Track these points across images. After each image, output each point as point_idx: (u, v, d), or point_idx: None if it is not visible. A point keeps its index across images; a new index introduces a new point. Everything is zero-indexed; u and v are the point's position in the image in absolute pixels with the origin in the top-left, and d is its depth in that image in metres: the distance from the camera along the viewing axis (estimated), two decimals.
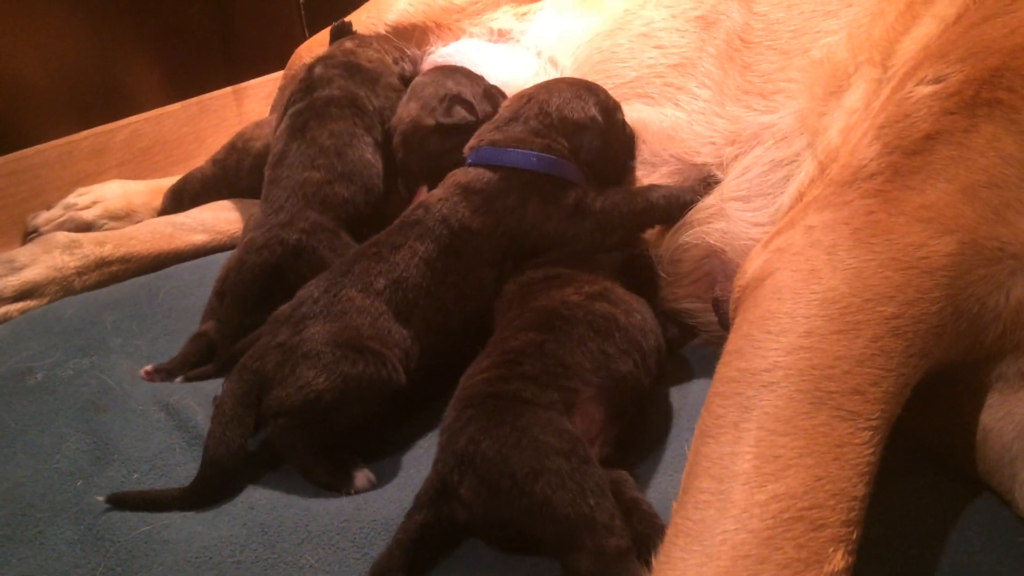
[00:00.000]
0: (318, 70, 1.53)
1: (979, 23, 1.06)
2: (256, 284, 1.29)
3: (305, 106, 1.47)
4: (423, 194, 1.36)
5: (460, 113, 1.41)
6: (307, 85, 1.52)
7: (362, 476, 1.08)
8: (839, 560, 0.74)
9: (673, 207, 1.27)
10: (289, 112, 1.49)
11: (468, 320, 1.21)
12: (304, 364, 1.07)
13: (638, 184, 1.36)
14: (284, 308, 1.17)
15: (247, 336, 1.22)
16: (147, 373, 1.30)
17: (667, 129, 1.38)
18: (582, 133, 1.27)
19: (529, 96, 1.32)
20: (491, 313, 1.20)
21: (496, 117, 1.34)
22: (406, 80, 1.60)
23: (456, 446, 0.94)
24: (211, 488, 1.06)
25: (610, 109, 1.32)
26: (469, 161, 1.28)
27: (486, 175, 1.24)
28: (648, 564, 0.81)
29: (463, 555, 0.97)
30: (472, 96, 1.46)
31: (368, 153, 1.42)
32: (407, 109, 1.45)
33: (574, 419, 0.99)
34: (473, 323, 1.21)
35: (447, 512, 0.94)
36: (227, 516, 1.04)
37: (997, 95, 0.94)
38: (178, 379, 1.30)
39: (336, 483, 1.07)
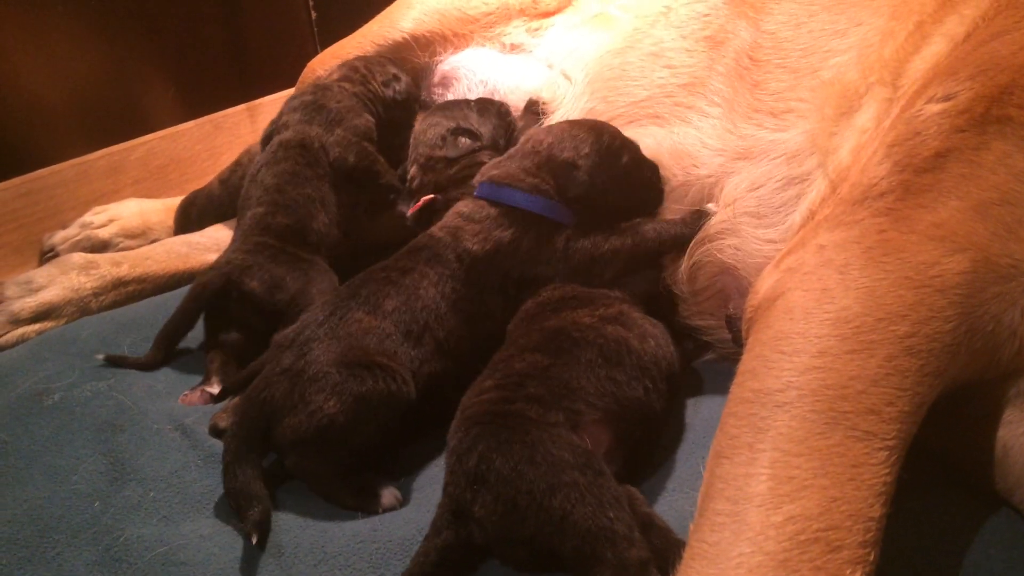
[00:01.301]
0: (284, 117, 1.58)
1: (988, 40, 1.07)
2: (203, 302, 1.37)
3: (265, 153, 1.54)
4: (423, 201, 1.41)
5: (465, 143, 1.46)
6: (271, 130, 1.59)
7: (388, 494, 1.08)
8: None
9: (664, 240, 1.29)
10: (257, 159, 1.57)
11: (478, 344, 1.22)
12: (312, 388, 1.07)
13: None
14: (287, 332, 1.17)
15: (252, 363, 1.21)
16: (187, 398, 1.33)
17: (678, 148, 1.38)
18: (567, 172, 1.28)
19: (530, 135, 1.36)
20: (501, 336, 1.20)
21: (510, 150, 1.37)
22: (398, 102, 1.66)
23: (467, 465, 0.94)
24: (256, 513, 1.04)
25: (613, 150, 1.31)
26: (475, 194, 1.32)
27: (486, 208, 1.28)
28: None
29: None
30: (472, 121, 1.51)
31: (309, 188, 1.47)
32: (415, 154, 1.50)
33: (580, 440, 0.99)
34: (483, 347, 1.21)
35: (464, 534, 0.94)
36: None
37: (1007, 112, 0.95)
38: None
39: (363, 505, 1.07)
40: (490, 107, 1.58)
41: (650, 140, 1.41)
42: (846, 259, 0.93)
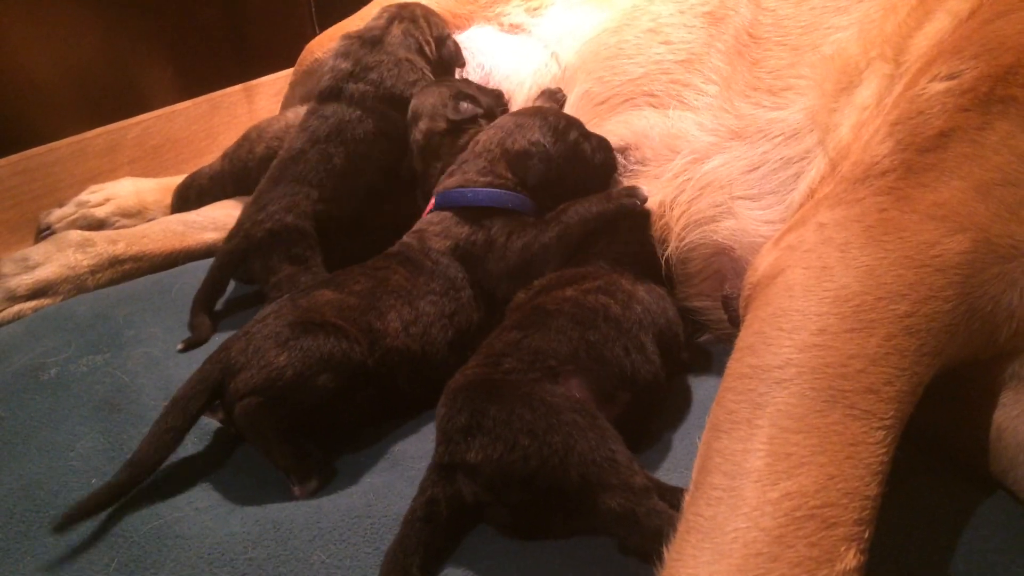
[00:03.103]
0: (352, 87, 1.54)
1: (993, 19, 1.05)
2: (228, 270, 1.41)
3: (334, 119, 1.50)
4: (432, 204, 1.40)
5: (467, 107, 1.45)
6: (337, 91, 1.54)
7: (315, 482, 1.08)
8: (851, 559, 0.74)
9: (588, 220, 1.28)
10: (315, 113, 1.53)
11: (453, 339, 1.23)
12: (265, 344, 1.09)
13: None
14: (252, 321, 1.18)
15: None
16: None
17: (670, 127, 1.37)
18: (524, 160, 1.31)
19: (478, 137, 1.38)
20: (482, 334, 1.21)
21: (460, 158, 1.38)
22: (444, 65, 1.65)
23: (458, 423, 0.96)
24: (129, 475, 1.04)
25: (560, 130, 1.34)
26: (434, 207, 1.34)
27: (444, 216, 1.31)
28: (660, 557, 0.81)
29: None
30: (472, 90, 1.51)
31: (374, 174, 1.48)
32: (417, 128, 1.48)
33: (566, 389, 1.01)
34: (460, 343, 1.23)
35: (453, 491, 0.95)
36: (240, 513, 1.04)
37: (1012, 92, 0.94)
38: None
39: (298, 470, 1.07)
40: (488, 90, 1.58)
41: (643, 122, 1.40)
42: (846, 237, 0.92)
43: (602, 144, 1.37)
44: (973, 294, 0.87)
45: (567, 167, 1.32)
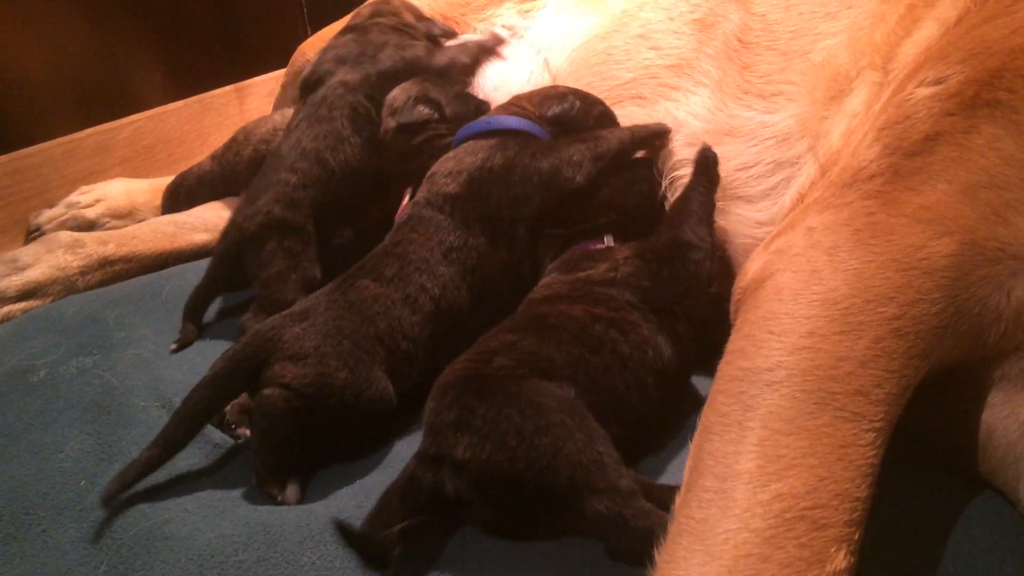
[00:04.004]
0: (324, 65, 1.54)
1: (980, 24, 1.07)
2: (220, 270, 1.40)
3: (306, 107, 1.50)
4: (406, 196, 1.40)
5: (420, 111, 1.43)
6: (316, 81, 1.54)
7: (292, 490, 1.06)
8: (841, 560, 0.75)
9: (624, 139, 1.30)
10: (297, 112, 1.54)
11: (476, 295, 1.22)
12: (325, 345, 1.08)
13: None
14: (295, 307, 1.18)
15: None
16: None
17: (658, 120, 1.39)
18: (552, 101, 1.34)
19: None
20: (502, 287, 1.22)
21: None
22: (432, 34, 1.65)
23: (447, 419, 0.95)
24: (172, 439, 1.05)
25: (588, 98, 1.38)
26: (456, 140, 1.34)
27: (456, 151, 1.30)
28: (651, 559, 0.82)
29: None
30: (439, 94, 1.47)
31: (353, 155, 1.44)
32: (385, 122, 1.47)
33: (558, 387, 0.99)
34: (482, 298, 1.23)
35: (436, 480, 0.94)
36: (229, 514, 1.04)
37: (997, 96, 0.95)
38: None
39: (269, 482, 1.06)
40: (468, 97, 1.55)
41: (629, 120, 1.42)
42: (835, 241, 0.93)
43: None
44: (960, 296, 0.88)
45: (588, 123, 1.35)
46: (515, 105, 1.35)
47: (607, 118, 1.41)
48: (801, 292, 0.91)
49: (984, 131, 0.94)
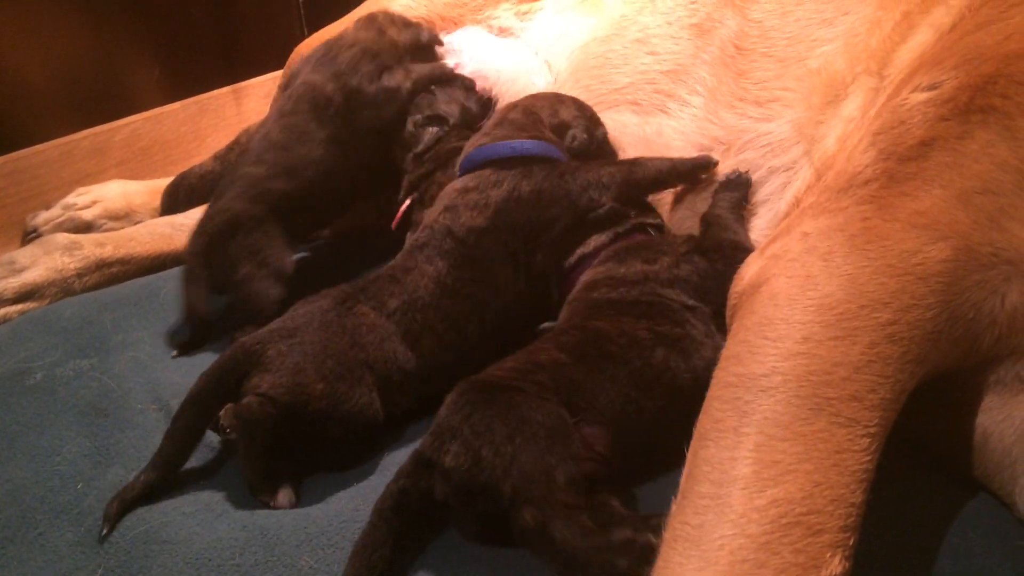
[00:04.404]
0: (299, 74, 1.54)
1: (974, 30, 1.07)
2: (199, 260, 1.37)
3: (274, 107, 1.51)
4: (405, 203, 1.41)
5: (430, 133, 1.47)
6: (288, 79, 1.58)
7: (284, 494, 1.06)
8: (836, 565, 0.75)
9: (661, 169, 1.27)
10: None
11: (486, 329, 1.20)
12: (306, 362, 1.07)
13: None
14: (287, 320, 1.16)
15: None
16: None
17: (651, 136, 1.39)
18: (567, 128, 1.33)
19: (515, 104, 1.37)
20: (512, 315, 1.20)
21: (484, 127, 1.37)
22: (419, 45, 1.63)
23: (451, 422, 0.95)
24: (168, 459, 1.07)
25: (593, 119, 1.38)
26: (459, 172, 1.31)
27: (478, 175, 1.26)
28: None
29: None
30: (438, 107, 1.51)
31: (319, 149, 1.42)
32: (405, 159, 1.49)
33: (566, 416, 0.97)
34: (491, 331, 1.21)
35: (425, 485, 0.94)
36: (226, 518, 1.04)
37: (991, 101, 0.95)
38: None
39: (261, 489, 1.06)
40: (453, 82, 1.57)
41: (623, 128, 1.43)
42: (830, 246, 0.93)
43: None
44: (955, 302, 0.89)
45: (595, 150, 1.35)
46: (529, 123, 1.31)
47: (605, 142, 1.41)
48: (796, 297, 0.91)
49: (978, 136, 0.94)
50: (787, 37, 1.35)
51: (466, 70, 1.63)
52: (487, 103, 1.59)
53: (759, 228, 1.22)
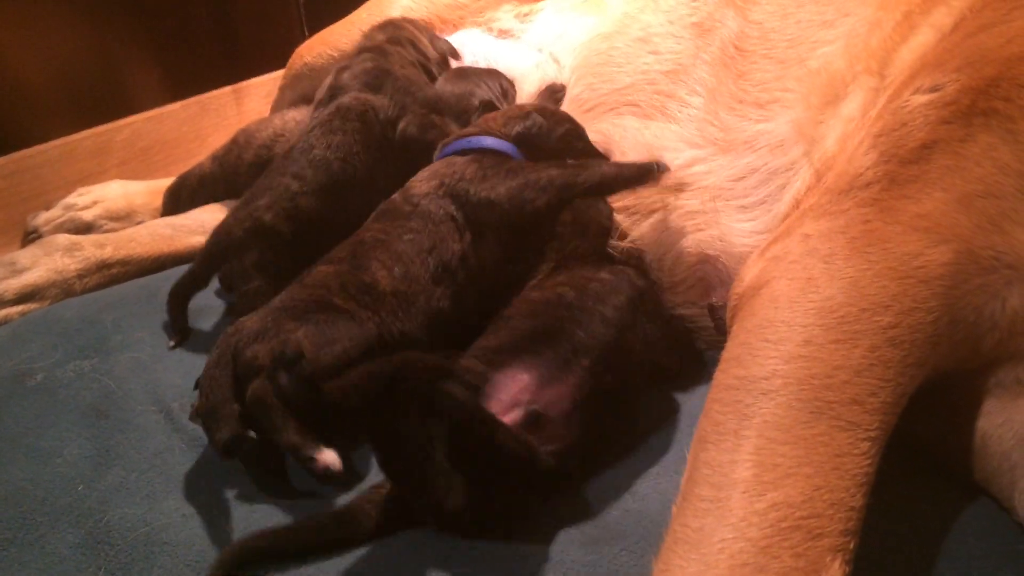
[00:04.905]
0: (341, 81, 1.53)
1: (976, 32, 1.07)
2: (204, 270, 1.38)
3: (320, 117, 1.48)
4: None
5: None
6: (328, 94, 1.53)
7: (330, 454, 1.03)
8: (836, 569, 0.75)
9: (606, 175, 1.25)
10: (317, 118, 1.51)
11: (437, 265, 1.23)
12: (281, 316, 1.12)
13: None
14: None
15: None
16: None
17: (650, 139, 1.39)
18: (519, 121, 1.35)
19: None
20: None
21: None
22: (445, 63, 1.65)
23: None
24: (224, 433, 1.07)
25: (556, 119, 1.39)
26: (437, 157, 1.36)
27: (436, 164, 1.33)
28: None
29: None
30: (495, 94, 1.52)
31: (359, 169, 1.43)
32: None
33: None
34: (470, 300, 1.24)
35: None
36: (226, 519, 1.04)
37: (994, 104, 0.95)
38: None
39: (301, 448, 1.04)
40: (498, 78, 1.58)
41: (623, 132, 1.42)
42: (831, 249, 0.93)
43: (588, 151, 1.39)
44: (956, 305, 0.89)
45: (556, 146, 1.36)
46: (486, 126, 1.36)
47: (573, 135, 1.39)
48: (797, 300, 0.91)
49: (980, 140, 0.94)
50: (788, 39, 1.34)
51: None
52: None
53: (759, 230, 1.21)
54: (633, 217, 1.37)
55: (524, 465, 0.94)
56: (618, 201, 1.35)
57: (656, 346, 1.18)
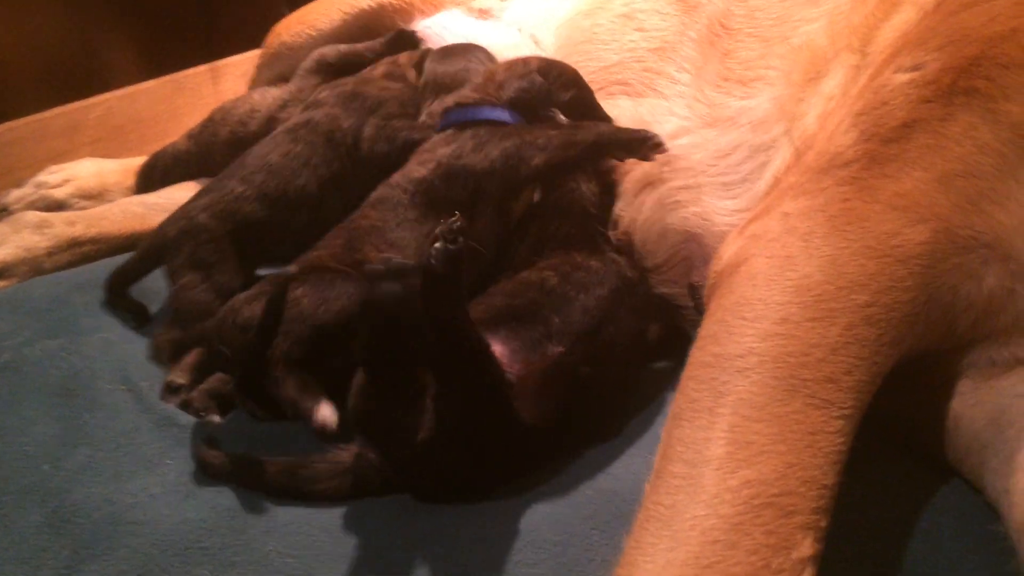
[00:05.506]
0: (320, 94, 1.51)
1: (958, 11, 1.06)
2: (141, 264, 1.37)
3: (287, 125, 1.46)
4: None
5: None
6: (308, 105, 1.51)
7: (327, 408, 1.02)
8: (807, 547, 0.74)
9: (602, 134, 1.26)
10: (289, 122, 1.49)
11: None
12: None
13: None
14: None
15: None
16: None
17: (644, 116, 1.37)
18: (513, 82, 1.33)
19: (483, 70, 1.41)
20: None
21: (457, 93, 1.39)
22: None
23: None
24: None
25: (564, 80, 1.36)
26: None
27: (435, 139, 1.32)
28: None
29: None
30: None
31: (313, 186, 1.39)
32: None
33: None
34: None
35: None
36: (194, 499, 1.02)
37: (975, 84, 0.94)
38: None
39: (300, 400, 1.03)
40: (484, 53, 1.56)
41: (616, 111, 1.40)
42: (810, 227, 0.92)
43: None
44: (933, 284, 0.88)
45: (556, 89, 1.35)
46: (483, 90, 1.35)
47: (582, 103, 1.37)
48: (775, 278, 0.90)
49: (961, 119, 0.93)
50: (773, 17, 1.33)
51: None
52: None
53: (740, 207, 1.21)
54: (621, 195, 1.36)
55: (503, 401, 0.95)
56: (606, 178, 1.34)
57: (638, 339, 1.18)
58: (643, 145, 1.24)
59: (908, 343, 0.88)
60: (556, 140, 1.25)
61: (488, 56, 1.53)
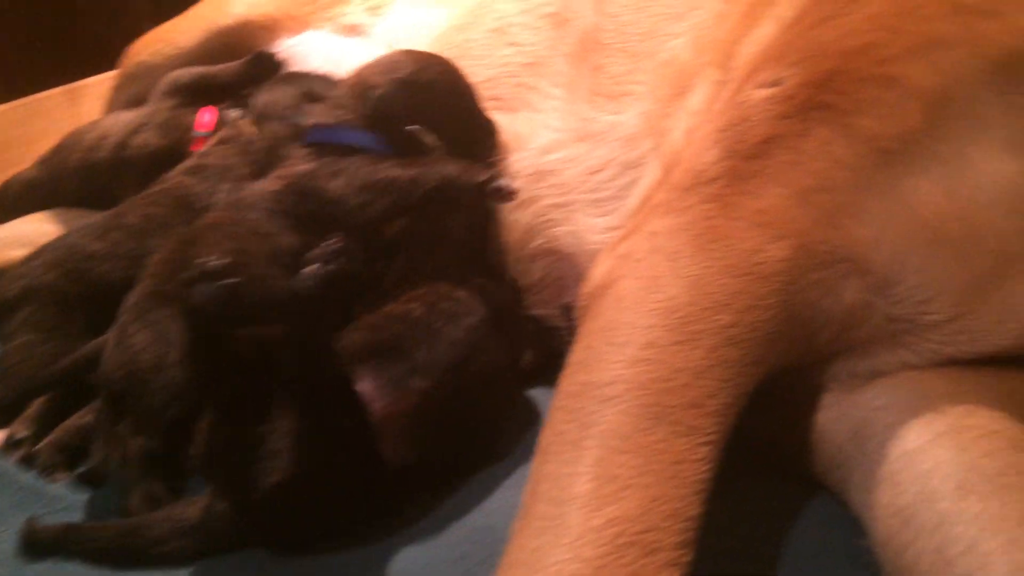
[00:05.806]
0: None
1: (815, 25, 1.07)
2: None
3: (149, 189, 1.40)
4: None
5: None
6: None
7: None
8: None
9: (445, 179, 1.21)
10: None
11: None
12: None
13: None
14: None
15: None
16: None
17: (519, 130, 1.35)
18: (366, 93, 1.28)
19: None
20: None
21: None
22: None
23: None
24: None
25: (432, 83, 1.32)
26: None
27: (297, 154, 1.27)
28: None
29: None
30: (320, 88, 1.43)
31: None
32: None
33: None
34: None
35: None
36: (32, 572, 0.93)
37: (830, 99, 0.94)
38: None
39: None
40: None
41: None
42: (677, 246, 0.91)
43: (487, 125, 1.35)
44: (793, 301, 0.88)
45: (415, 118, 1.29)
46: (343, 106, 1.30)
47: (461, 111, 1.33)
48: (642, 300, 0.88)
49: (817, 134, 0.93)
50: (641, 32, 1.33)
51: None
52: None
53: (611, 224, 1.19)
54: (494, 214, 1.33)
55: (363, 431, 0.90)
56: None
57: (511, 367, 1.15)
58: (490, 193, 1.22)
59: (771, 361, 0.87)
60: (401, 181, 1.20)
61: (325, 83, 1.48)
